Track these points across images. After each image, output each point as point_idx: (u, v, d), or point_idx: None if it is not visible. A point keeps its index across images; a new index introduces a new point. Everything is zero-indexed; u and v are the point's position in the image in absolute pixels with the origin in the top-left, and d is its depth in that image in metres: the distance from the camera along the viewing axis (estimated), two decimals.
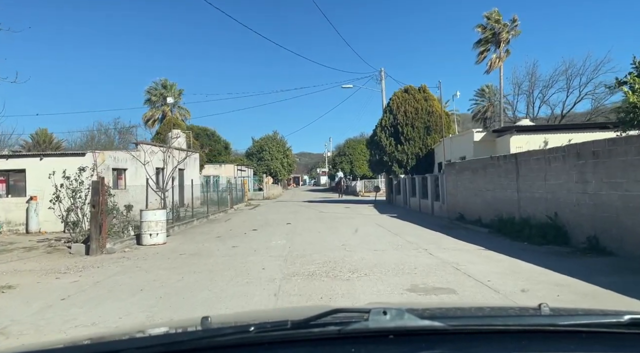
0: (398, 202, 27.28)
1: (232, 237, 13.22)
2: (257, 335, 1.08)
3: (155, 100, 56.24)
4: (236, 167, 46.98)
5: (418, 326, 1.10)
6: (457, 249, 9.72)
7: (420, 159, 26.80)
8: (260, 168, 56.05)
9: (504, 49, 41.07)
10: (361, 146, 60.02)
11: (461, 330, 1.15)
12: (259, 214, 22.48)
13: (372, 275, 7.23)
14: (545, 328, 1.18)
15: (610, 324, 1.15)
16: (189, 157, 26.21)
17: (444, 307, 1.97)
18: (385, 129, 27.97)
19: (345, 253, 9.51)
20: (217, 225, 17.13)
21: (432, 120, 27.14)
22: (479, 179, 13.87)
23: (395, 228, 14.19)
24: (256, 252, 10.16)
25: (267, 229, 15.05)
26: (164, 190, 16.23)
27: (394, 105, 28.13)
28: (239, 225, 16.71)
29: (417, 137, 27.01)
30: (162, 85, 56.73)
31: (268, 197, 43.19)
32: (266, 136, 59.74)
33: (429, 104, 27.72)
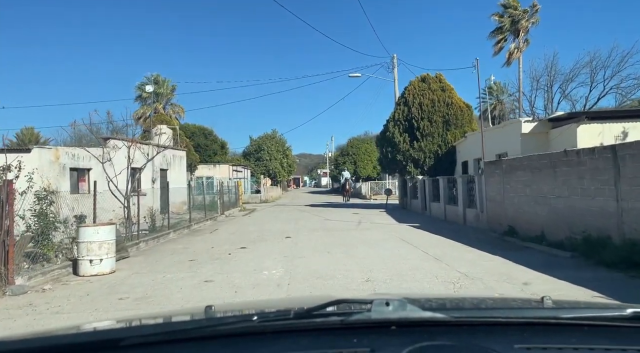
0: (414, 207, 23.74)
1: (210, 260, 9.71)
2: (260, 324, 1.08)
3: (146, 97, 52.80)
4: (232, 167, 43.45)
5: (420, 317, 1.10)
6: (555, 291, 6.19)
7: (439, 158, 23.28)
8: (258, 169, 52.48)
9: (523, 39, 37.61)
10: (365, 145, 56.52)
11: (463, 321, 1.15)
12: (253, 223, 18.94)
13: None
14: (547, 321, 1.17)
15: (613, 318, 1.15)
16: (160, 153, 22.68)
17: (446, 298, 1.94)
18: (398, 124, 24.47)
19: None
20: (197, 240, 13.61)
21: (452, 113, 23.64)
22: (542, 181, 10.35)
23: (430, 247, 10.66)
24: (237, 293, 6.65)
25: (259, 247, 11.54)
26: (128, 196, 12.70)
27: (409, 96, 24.63)
28: (224, 240, 13.18)
29: (436, 133, 23.49)
30: (155, 81, 53.29)
31: (266, 200, 39.67)
32: (264, 135, 56.21)
33: (447, 94, 24.21)
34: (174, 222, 17.62)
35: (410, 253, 9.76)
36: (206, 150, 57.25)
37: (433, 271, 7.83)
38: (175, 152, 24.01)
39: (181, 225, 16.41)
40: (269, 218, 20.83)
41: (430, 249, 10.21)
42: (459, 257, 9.13)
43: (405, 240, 11.90)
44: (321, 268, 8.33)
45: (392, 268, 8.16)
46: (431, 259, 9.00)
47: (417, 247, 10.60)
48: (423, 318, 1.10)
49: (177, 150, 24.28)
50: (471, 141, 20.02)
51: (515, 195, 11.67)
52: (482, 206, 13.97)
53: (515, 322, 1.15)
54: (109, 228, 8.61)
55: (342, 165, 55.93)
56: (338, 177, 59.80)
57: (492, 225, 13.14)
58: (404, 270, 7.99)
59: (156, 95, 53.05)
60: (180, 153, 24.70)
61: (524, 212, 11.25)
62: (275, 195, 46.13)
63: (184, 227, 16.32)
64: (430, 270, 7.92)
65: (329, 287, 6.82)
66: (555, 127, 13.49)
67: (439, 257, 9.14)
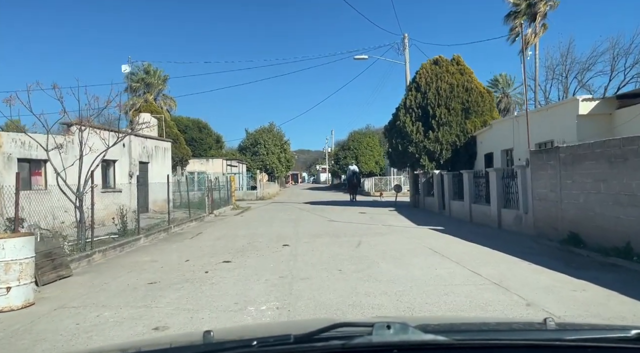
0: (429, 206, 21.03)
1: (178, 282, 6.99)
2: (259, 349, 1.07)
3: (136, 87, 49.94)
4: (226, 162, 40.71)
5: (422, 340, 1.08)
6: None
7: (457, 150, 20.58)
8: (255, 164, 49.72)
9: (540, 23, 34.81)
10: (367, 139, 53.79)
11: (466, 344, 1.13)
12: (246, 224, 16.21)
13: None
14: (551, 343, 1.15)
15: (617, 339, 1.13)
16: (138, 143, 19.89)
17: (448, 321, 1.92)
18: (410, 111, 21.73)
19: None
20: (172, 249, 10.88)
21: (472, 99, 20.92)
22: (629, 176, 7.63)
23: (476, 262, 7.95)
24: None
25: (248, 260, 8.82)
26: (81, 194, 9.94)
27: (422, 80, 21.89)
28: (206, 249, 10.46)
29: (454, 122, 20.77)
30: (145, 71, 50.43)
31: (262, 196, 36.95)
32: (261, 128, 53.45)
33: (466, 78, 21.49)
34: (152, 223, 14.92)
35: (454, 275, 7.04)
36: (201, 144, 54.52)
37: (506, 311, 5.12)
38: (159, 143, 21.25)
39: (158, 228, 13.69)
40: (264, 219, 18.10)
41: (480, 267, 7.49)
42: (529, 282, 6.40)
43: (437, 252, 9.17)
44: (334, 301, 5.62)
45: (440, 303, 5.45)
46: (490, 286, 6.28)
47: (458, 263, 7.89)
48: (425, 341, 1.08)
49: (160, 141, 21.52)
50: (498, 130, 17.32)
51: (581, 193, 8.95)
52: (525, 206, 11.27)
53: (518, 345, 1.13)
54: (21, 242, 5.86)
55: (342, 160, 53.19)
56: (339, 172, 57.06)
57: (542, 230, 10.44)
58: (462, 306, 5.28)
59: (147, 85, 50.33)
60: (165, 144, 21.94)
61: (596, 215, 8.54)
62: (273, 192, 43.42)
63: (161, 230, 13.59)
64: (502, 308, 5.20)
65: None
66: (623, 105, 10.78)
67: (500, 282, 6.42)
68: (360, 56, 23.14)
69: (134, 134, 18.74)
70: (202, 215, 18.51)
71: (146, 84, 49.68)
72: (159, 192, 19.88)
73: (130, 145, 18.37)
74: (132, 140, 18.52)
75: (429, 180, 21.14)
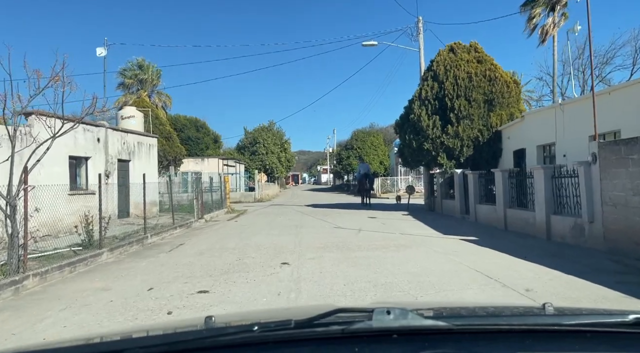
0: (448, 209, 18.60)
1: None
2: (260, 334, 1.07)
3: (129, 84, 47.60)
4: (222, 161, 38.31)
5: (422, 325, 1.09)
6: None
7: (480, 146, 18.17)
8: (254, 163, 47.30)
9: (560, 13, 32.39)
10: (372, 138, 51.40)
11: (465, 329, 1.13)
12: (238, 232, 13.79)
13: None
14: (549, 328, 1.16)
15: (615, 324, 1.14)
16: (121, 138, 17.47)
17: (447, 306, 1.90)
18: (425, 103, 19.33)
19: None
20: (138, 268, 8.44)
21: (496, 89, 18.51)
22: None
23: (565, 302, 5.53)
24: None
25: (232, 289, 6.40)
26: (13, 199, 7.48)
27: (439, 69, 19.49)
28: (180, 270, 8.04)
29: (476, 115, 18.36)
30: (138, 66, 48.08)
31: (261, 198, 34.56)
32: (260, 126, 50.99)
33: (488, 66, 19.09)
34: (130, 230, 12.53)
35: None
36: (198, 144, 52.13)
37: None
38: (142, 139, 18.85)
39: (131, 239, 11.29)
40: (260, 225, 15.69)
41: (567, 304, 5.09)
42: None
43: (492, 278, 6.74)
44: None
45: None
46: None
47: (535, 302, 5.48)
48: (424, 326, 1.10)
49: (144, 136, 19.11)
50: (533, 122, 14.91)
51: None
52: (590, 213, 8.85)
53: (517, 330, 1.14)
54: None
55: (346, 160, 50.80)
56: (341, 173, 54.64)
57: (617, 245, 8.03)
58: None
59: (140, 82, 47.96)
60: (150, 140, 19.52)
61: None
62: (272, 193, 41.05)
63: (134, 241, 11.19)
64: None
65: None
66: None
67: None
68: (368, 42, 20.74)
69: (111, 128, 16.35)
70: (189, 221, 16.11)
71: (140, 80, 47.37)
72: (141, 195, 17.51)
73: (107, 141, 15.98)
74: (110, 134, 16.14)
75: (448, 181, 18.74)
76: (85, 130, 14.61)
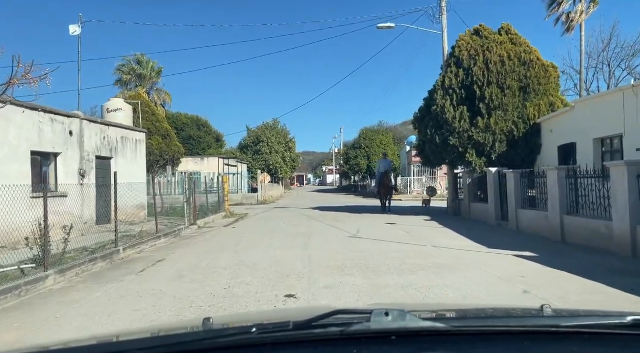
0: (478, 214, 16.15)
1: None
2: (258, 336, 1.07)
3: (127, 80, 45.48)
4: (223, 161, 36.01)
5: (420, 327, 1.09)
6: None
7: (515, 141, 15.74)
8: (257, 163, 44.96)
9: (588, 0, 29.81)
10: (380, 137, 48.99)
11: (463, 331, 1.14)
12: (233, 244, 11.41)
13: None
14: (548, 330, 1.16)
15: (613, 325, 1.13)
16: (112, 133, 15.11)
17: (446, 308, 1.86)
18: (450, 93, 16.91)
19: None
20: (85, 303, 6.00)
21: (533, 74, 16.09)
22: None
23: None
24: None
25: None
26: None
27: (464, 53, 17.08)
28: (142, 307, 5.66)
29: (510, 105, 15.93)
30: (137, 61, 45.96)
31: (264, 200, 32.20)
32: (264, 125, 48.60)
33: (524, 49, 16.66)
34: (106, 241, 10.20)
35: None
36: (199, 143, 49.90)
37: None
38: (128, 133, 16.53)
39: (97, 254, 8.95)
40: (261, 233, 13.32)
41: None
42: None
43: None
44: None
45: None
46: None
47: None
48: (423, 328, 1.09)
49: (130, 131, 16.79)
50: (587, 111, 12.47)
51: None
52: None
53: (515, 331, 1.14)
54: None
55: (353, 160, 48.36)
56: (349, 173, 52.20)
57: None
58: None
59: (139, 78, 45.84)
60: (136, 135, 17.19)
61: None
62: (276, 195, 38.75)
63: (99, 257, 8.84)
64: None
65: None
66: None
67: None
68: (385, 24, 18.32)
69: (87, 119, 14.03)
70: (179, 228, 13.77)
71: (138, 76, 45.23)
72: (128, 196, 15.11)
73: (82, 134, 13.66)
74: (86, 127, 13.82)
75: (478, 181, 16.31)
76: (53, 121, 12.30)
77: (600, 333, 1.12)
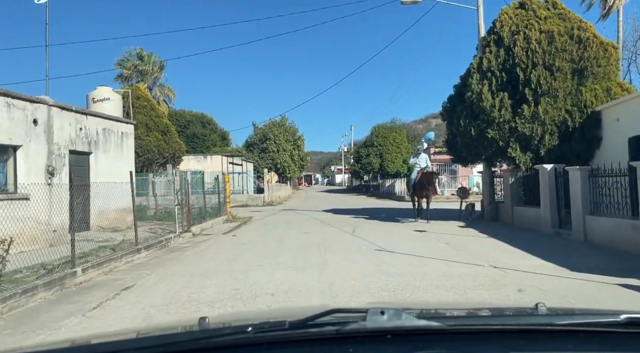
0: (524, 220, 13.59)
1: None
2: (254, 335, 1.06)
3: (128, 75, 43.33)
4: (227, 159, 33.67)
5: (415, 326, 1.08)
6: None
7: (569, 133, 13.20)
8: (264, 162, 42.60)
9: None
10: (394, 134, 46.41)
11: (459, 329, 1.14)
12: (228, 261, 8.97)
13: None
14: (542, 328, 1.16)
15: (607, 323, 1.13)
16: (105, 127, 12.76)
17: (441, 307, 1.84)
18: (488, 76, 14.39)
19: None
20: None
21: (589, 55, 13.52)
22: None
23: None
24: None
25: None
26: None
27: (503, 31, 14.56)
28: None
29: (561, 90, 13.38)
30: (138, 56, 43.82)
31: (271, 201, 29.84)
32: (271, 121, 46.24)
33: (576, 25, 14.12)
34: (74, 255, 7.84)
35: None
36: (204, 141, 47.61)
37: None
38: (111, 125, 14.18)
39: (44, 279, 6.59)
40: (265, 244, 10.89)
41: None
42: None
43: None
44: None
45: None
46: None
47: None
48: (418, 326, 1.08)
49: (114, 122, 14.43)
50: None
51: None
52: None
53: (510, 330, 1.13)
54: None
55: (365, 158, 45.83)
56: (360, 172, 49.68)
57: None
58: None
59: (140, 73, 43.68)
60: (123, 127, 14.82)
61: None
62: (284, 195, 36.38)
63: (47, 282, 6.47)
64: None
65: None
66: None
67: None
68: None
69: (57, 106, 11.67)
70: (166, 237, 11.41)
71: (139, 72, 43.09)
72: (110, 199, 12.73)
73: (51, 123, 11.33)
74: (56, 115, 11.49)
75: (525, 181, 13.77)
76: (9, 106, 9.97)
77: (594, 332, 1.12)
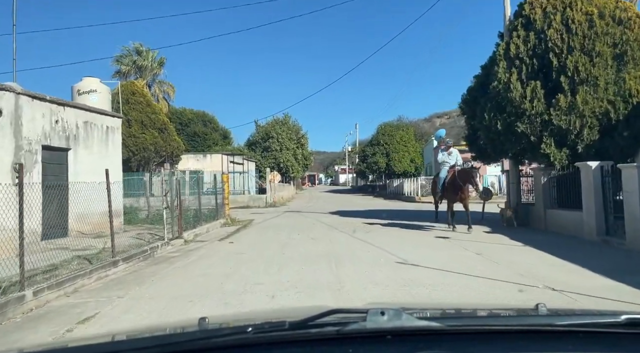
0: (559, 224, 12.01)
1: None
2: (254, 335, 1.06)
3: (126, 71, 41.93)
4: (227, 158, 32.18)
5: (416, 326, 1.08)
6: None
7: (611, 127, 11.64)
8: (266, 161, 41.11)
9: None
10: (401, 132, 44.83)
11: (459, 330, 1.13)
12: (220, 278, 7.43)
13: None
14: (543, 329, 1.16)
15: (608, 324, 1.13)
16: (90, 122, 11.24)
17: (442, 307, 1.83)
18: (517, 64, 12.84)
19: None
20: None
21: (631, 38, 11.97)
22: None
23: None
24: None
25: None
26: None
27: (534, 12, 13.02)
28: None
29: (602, 78, 11.82)
30: (137, 51, 42.40)
31: (274, 202, 28.32)
32: (274, 119, 44.75)
33: (616, 4, 12.56)
34: (41, 267, 6.37)
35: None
36: (205, 140, 46.19)
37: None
38: (94, 118, 12.68)
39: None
40: (265, 255, 9.34)
41: None
42: None
43: None
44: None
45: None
46: None
47: None
48: (418, 327, 1.08)
49: (98, 114, 12.92)
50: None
51: None
52: None
53: (510, 330, 1.13)
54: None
55: (371, 158, 44.27)
56: (366, 172, 48.10)
57: None
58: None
59: (139, 69, 42.28)
60: (108, 120, 13.31)
61: None
62: (287, 196, 34.86)
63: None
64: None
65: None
66: None
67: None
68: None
69: (27, 94, 10.15)
70: (152, 246, 9.90)
71: (138, 68, 41.67)
72: (92, 201, 11.20)
73: (19, 114, 9.83)
74: (25, 104, 9.98)
75: (560, 181, 12.19)
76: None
77: (594, 332, 1.12)
